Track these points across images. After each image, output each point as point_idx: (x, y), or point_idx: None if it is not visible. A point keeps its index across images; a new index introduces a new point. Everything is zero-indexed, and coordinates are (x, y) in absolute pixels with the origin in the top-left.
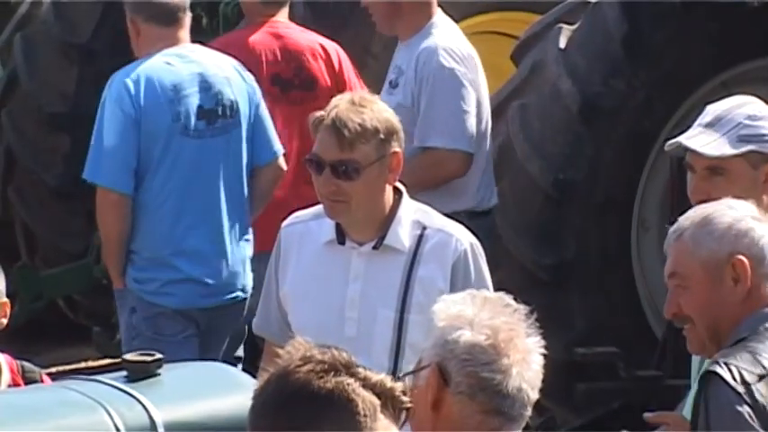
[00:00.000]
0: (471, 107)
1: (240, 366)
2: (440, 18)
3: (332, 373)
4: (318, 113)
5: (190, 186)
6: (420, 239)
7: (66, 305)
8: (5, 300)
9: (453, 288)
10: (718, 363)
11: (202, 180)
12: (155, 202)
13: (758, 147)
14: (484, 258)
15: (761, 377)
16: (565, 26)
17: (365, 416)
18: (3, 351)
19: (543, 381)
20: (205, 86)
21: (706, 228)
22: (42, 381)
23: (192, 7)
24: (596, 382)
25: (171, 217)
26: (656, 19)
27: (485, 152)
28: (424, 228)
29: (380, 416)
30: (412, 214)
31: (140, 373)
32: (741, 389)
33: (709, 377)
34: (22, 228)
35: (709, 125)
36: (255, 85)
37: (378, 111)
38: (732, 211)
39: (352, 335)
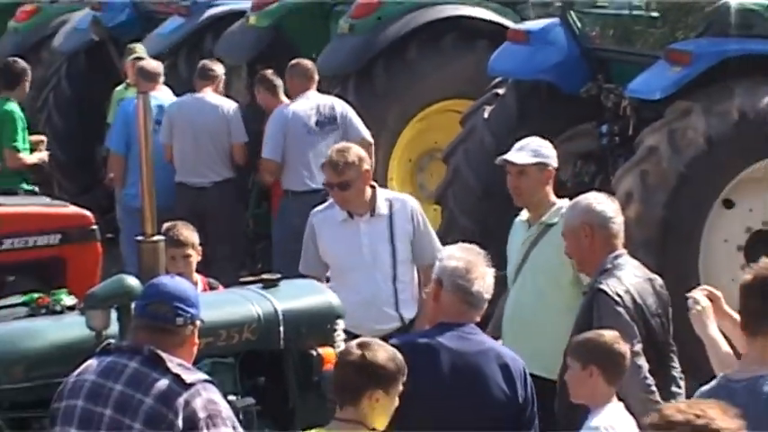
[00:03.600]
0: None
1: None
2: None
3: None
4: (323, 160)
5: None
6: (390, 207)
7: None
8: (200, 248)
9: (414, 227)
10: (600, 283)
11: None
12: None
13: (541, 159)
14: (422, 210)
15: (626, 291)
16: (487, 106)
17: None
18: (199, 272)
19: None
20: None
21: (575, 206)
22: (219, 289)
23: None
24: None
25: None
26: (530, 101)
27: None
28: (389, 200)
29: None
30: (384, 195)
31: (269, 284)
32: (617, 297)
33: (598, 292)
34: None
35: (518, 149)
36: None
37: (352, 152)
38: (591, 197)
39: (369, 261)
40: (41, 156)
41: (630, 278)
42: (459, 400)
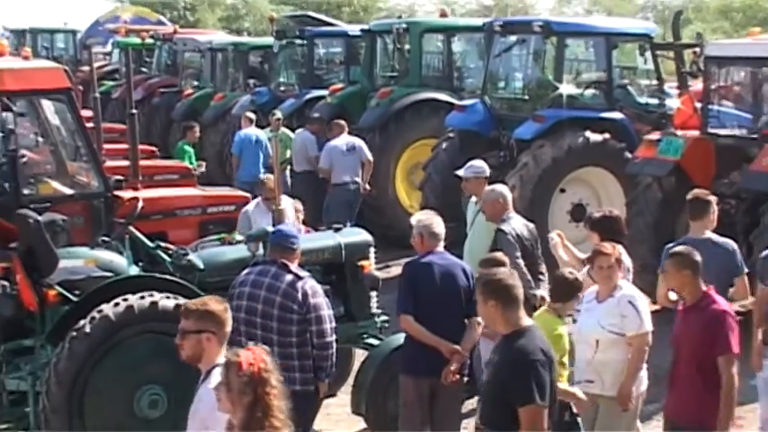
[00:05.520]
0: None
1: None
2: None
3: None
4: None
5: None
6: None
7: None
8: (303, 211)
9: (295, 209)
10: (500, 226)
11: None
12: None
13: (475, 174)
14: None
15: (513, 229)
16: (444, 142)
17: None
18: (304, 224)
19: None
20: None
21: (488, 192)
22: (312, 232)
23: None
24: None
25: None
26: (465, 140)
27: None
28: (284, 199)
29: None
30: (282, 197)
31: (337, 229)
32: (508, 233)
33: (498, 231)
34: None
35: (465, 168)
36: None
37: (270, 181)
38: (499, 187)
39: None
40: (202, 170)
41: (516, 224)
42: (443, 288)
